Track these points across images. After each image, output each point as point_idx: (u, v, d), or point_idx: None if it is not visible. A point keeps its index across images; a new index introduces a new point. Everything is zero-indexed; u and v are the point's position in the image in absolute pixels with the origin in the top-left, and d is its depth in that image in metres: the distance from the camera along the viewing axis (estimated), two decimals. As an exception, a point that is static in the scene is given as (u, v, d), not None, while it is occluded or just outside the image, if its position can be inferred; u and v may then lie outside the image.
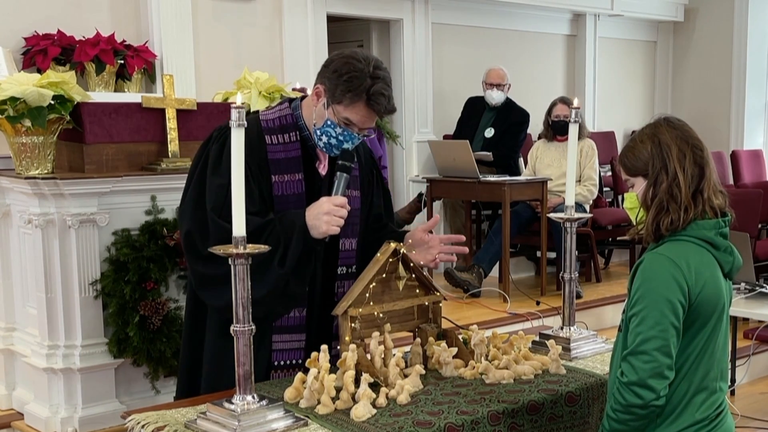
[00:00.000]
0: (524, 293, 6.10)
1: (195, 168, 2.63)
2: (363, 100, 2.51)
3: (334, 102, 2.53)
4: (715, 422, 2.20)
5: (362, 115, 2.54)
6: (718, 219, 2.21)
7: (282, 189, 2.60)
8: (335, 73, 2.52)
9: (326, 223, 2.47)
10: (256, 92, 4.27)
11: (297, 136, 2.64)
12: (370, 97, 2.50)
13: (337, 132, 2.56)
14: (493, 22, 7.83)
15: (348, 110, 2.53)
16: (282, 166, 2.60)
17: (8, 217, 3.94)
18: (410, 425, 2.13)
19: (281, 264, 2.47)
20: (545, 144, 6.61)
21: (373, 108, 2.53)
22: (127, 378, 3.75)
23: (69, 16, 5.24)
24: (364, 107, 2.53)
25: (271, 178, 2.59)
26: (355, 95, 2.50)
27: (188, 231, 2.55)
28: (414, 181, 7.18)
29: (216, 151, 2.57)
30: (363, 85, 2.49)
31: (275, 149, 2.60)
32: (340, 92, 2.51)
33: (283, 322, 2.62)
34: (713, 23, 9.19)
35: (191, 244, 2.54)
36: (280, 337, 2.63)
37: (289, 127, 2.65)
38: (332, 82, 2.53)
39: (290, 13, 6.25)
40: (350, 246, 2.74)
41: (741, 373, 5.16)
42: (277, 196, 2.59)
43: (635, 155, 2.24)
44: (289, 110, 2.68)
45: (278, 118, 2.66)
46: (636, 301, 2.15)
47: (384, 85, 2.52)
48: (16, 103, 3.49)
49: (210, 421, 2.11)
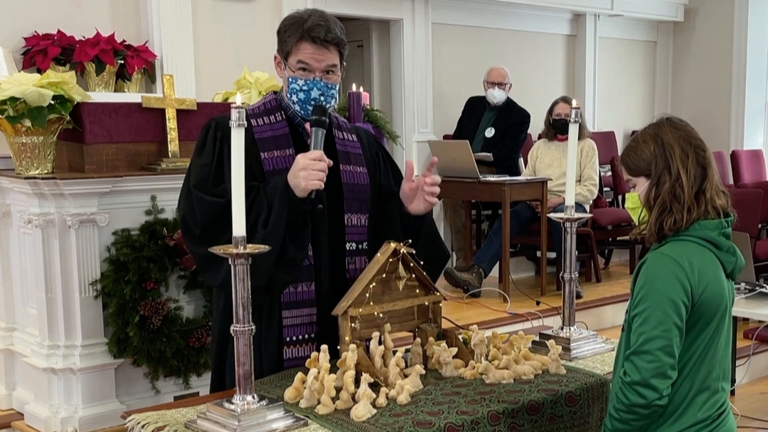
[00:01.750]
0: (524, 293, 6.10)
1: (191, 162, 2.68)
2: (304, 38, 2.59)
3: (287, 57, 2.64)
4: (717, 422, 2.20)
5: (309, 51, 2.60)
6: (720, 219, 2.21)
7: (272, 164, 2.62)
8: (279, 33, 2.66)
9: (304, 179, 2.46)
10: (256, 92, 4.27)
11: (282, 115, 2.71)
12: (307, 31, 2.58)
13: (300, 84, 2.63)
14: (493, 22, 7.83)
15: (295, 54, 2.61)
16: (270, 144, 2.65)
17: (8, 217, 3.94)
18: (410, 425, 2.13)
19: (264, 225, 2.47)
20: (545, 144, 6.61)
21: (314, 40, 2.59)
22: (127, 378, 3.75)
23: (69, 16, 5.24)
24: (306, 43, 2.60)
25: (260, 155, 2.62)
26: (296, 37, 2.60)
27: (183, 216, 2.59)
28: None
29: (201, 136, 2.64)
30: (300, 26, 2.60)
31: (261, 129, 2.66)
32: (285, 44, 2.63)
33: (291, 297, 2.62)
34: (713, 23, 9.19)
35: (186, 228, 2.57)
36: (289, 312, 2.63)
37: (274, 110, 2.72)
38: (280, 42, 2.66)
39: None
40: (358, 222, 2.73)
41: (741, 373, 5.16)
42: (268, 171, 2.61)
43: (638, 155, 2.24)
44: (272, 96, 2.77)
45: (263, 104, 2.74)
46: (639, 301, 2.15)
47: (318, 18, 2.60)
48: (16, 103, 3.49)
49: (210, 421, 2.11)
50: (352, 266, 2.71)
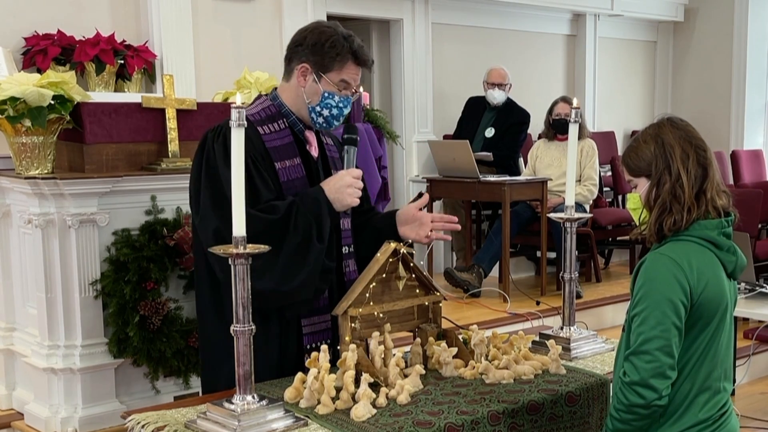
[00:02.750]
0: (524, 293, 6.10)
1: (199, 173, 2.60)
2: (350, 59, 2.67)
3: (325, 72, 2.66)
4: (718, 422, 2.20)
5: (353, 71, 2.70)
6: (721, 219, 2.21)
7: (287, 175, 2.65)
8: (316, 46, 2.65)
9: (350, 195, 2.58)
10: (256, 92, 4.27)
11: (285, 123, 2.72)
12: (355, 53, 2.67)
13: (336, 100, 2.69)
14: (493, 22, 7.82)
15: (343, 73, 2.67)
16: (281, 153, 2.67)
17: (8, 217, 3.94)
18: (410, 425, 2.13)
19: (320, 240, 2.54)
20: (546, 144, 6.61)
21: (360, 62, 2.69)
22: (127, 378, 3.75)
23: (69, 16, 5.24)
24: (353, 64, 2.68)
25: (274, 165, 2.64)
26: (343, 57, 2.65)
27: (216, 228, 2.51)
28: (414, 181, 7.18)
29: (221, 148, 2.57)
30: (344, 46, 2.65)
31: (270, 138, 2.67)
32: (329, 60, 2.65)
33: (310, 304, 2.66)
34: (713, 23, 9.19)
35: (222, 240, 2.48)
36: (308, 320, 2.67)
37: (275, 116, 2.72)
38: (317, 55, 2.65)
39: (290, 14, 6.25)
40: (348, 225, 2.80)
41: (741, 373, 5.15)
42: (284, 182, 2.64)
43: (638, 156, 2.24)
44: (269, 101, 2.75)
45: (262, 110, 2.72)
46: (638, 302, 2.15)
47: (358, 40, 2.71)
48: (16, 103, 3.49)
49: (210, 421, 2.11)
50: (347, 269, 2.78)
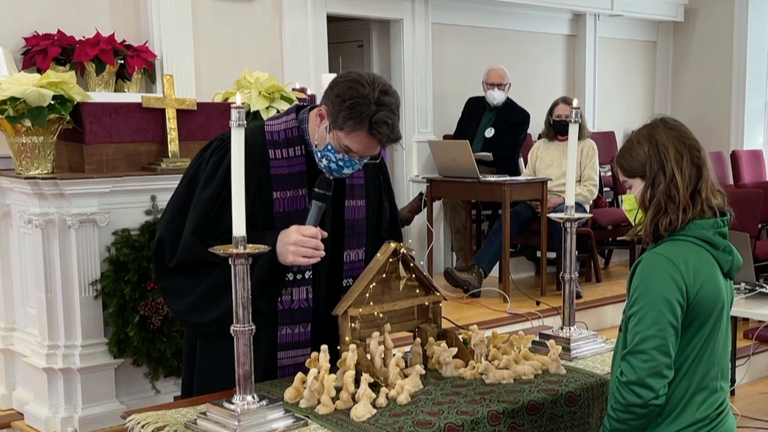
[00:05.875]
0: (524, 293, 6.10)
1: (188, 173, 2.58)
2: (365, 129, 2.38)
3: (336, 128, 2.42)
4: (715, 422, 2.20)
5: (363, 144, 2.42)
6: (716, 218, 2.21)
7: (284, 206, 2.52)
8: (338, 98, 2.40)
9: (292, 254, 2.38)
10: (256, 92, 4.27)
11: (302, 150, 2.55)
12: (372, 125, 2.37)
13: (337, 158, 2.46)
14: (493, 22, 7.82)
15: (349, 138, 2.41)
16: (285, 182, 2.52)
17: (8, 217, 3.94)
18: (410, 425, 2.13)
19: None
20: (546, 144, 6.61)
21: (374, 137, 2.40)
22: (127, 378, 3.75)
23: (69, 16, 5.24)
24: (366, 135, 2.40)
25: (272, 194, 2.51)
26: (357, 123, 2.38)
27: (161, 237, 2.50)
28: (414, 181, 7.19)
29: (214, 164, 2.50)
30: (366, 112, 2.36)
31: (279, 164, 2.52)
32: (342, 118, 2.39)
33: (288, 338, 2.58)
34: (713, 23, 9.19)
35: (160, 252, 2.50)
36: (285, 353, 2.58)
37: (295, 141, 2.55)
38: (335, 107, 2.41)
39: (290, 13, 6.25)
40: (356, 257, 2.67)
41: (741, 373, 5.16)
42: (279, 212, 2.50)
43: (632, 157, 2.25)
44: (295, 122, 2.58)
45: (284, 130, 2.56)
46: (634, 301, 2.15)
47: (388, 113, 2.38)
48: (16, 103, 3.49)
49: (210, 421, 2.11)
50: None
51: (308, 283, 2.58)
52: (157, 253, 2.52)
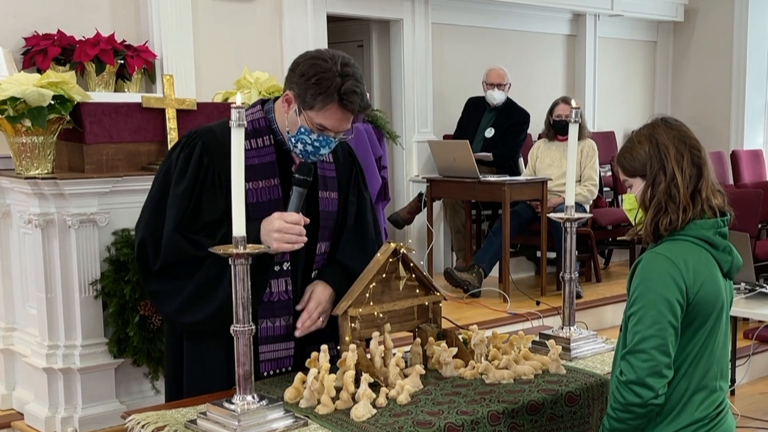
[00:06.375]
0: (524, 293, 6.10)
1: (159, 174, 2.55)
2: (335, 102, 2.39)
3: (306, 108, 2.41)
4: (715, 421, 2.20)
5: (336, 117, 2.42)
6: (716, 218, 2.21)
7: (257, 196, 2.49)
8: (303, 77, 2.40)
9: (276, 241, 2.37)
10: (256, 92, 4.27)
11: (271, 139, 2.54)
12: (342, 97, 2.38)
13: (312, 138, 2.45)
14: (493, 22, 7.82)
15: (321, 115, 2.41)
16: (257, 172, 2.49)
17: (8, 217, 3.94)
18: (410, 425, 2.13)
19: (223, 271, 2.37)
20: (546, 144, 6.61)
21: (346, 108, 2.41)
22: (127, 378, 3.75)
23: (69, 16, 5.24)
24: (338, 108, 2.40)
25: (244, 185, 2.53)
26: (327, 97, 2.38)
27: (142, 240, 2.48)
28: (414, 181, 7.19)
29: (183, 159, 2.48)
30: (333, 85, 2.37)
31: (249, 155, 2.47)
32: (310, 96, 2.39)
33: (269, 332, 2.55)
34: (713, 23, 9.18)
35: (143, 255, 2.48)
36: (267, 347, 2.56)
37: (263, 131, 2.54)
38: (301, 87, 2.41)
39: (290, 13, 6.25)
40: (326, 249, 2.65)
41: (741, 373, 5.16)
42: (252, 203, 2.47)
43: (633, 156, 2.25)
44: (261, 113, 2.57)
45: (251, 122, 2.52)
46: (634, 301, 2.16)
47: (354, 82, 2.39)
48: (16, 103, 3.49)
49: (210, 421, 2.11)
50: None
51: (287, 274, 2.55)
52: (141, 257, 2.49)
